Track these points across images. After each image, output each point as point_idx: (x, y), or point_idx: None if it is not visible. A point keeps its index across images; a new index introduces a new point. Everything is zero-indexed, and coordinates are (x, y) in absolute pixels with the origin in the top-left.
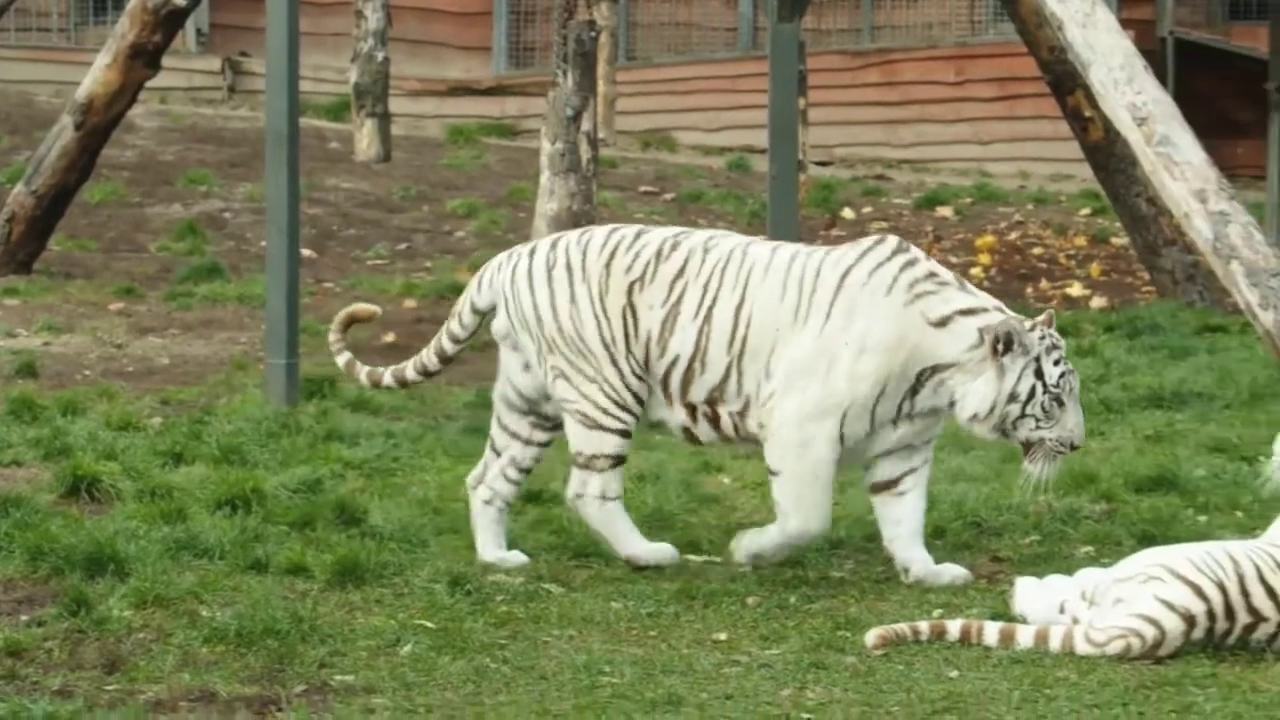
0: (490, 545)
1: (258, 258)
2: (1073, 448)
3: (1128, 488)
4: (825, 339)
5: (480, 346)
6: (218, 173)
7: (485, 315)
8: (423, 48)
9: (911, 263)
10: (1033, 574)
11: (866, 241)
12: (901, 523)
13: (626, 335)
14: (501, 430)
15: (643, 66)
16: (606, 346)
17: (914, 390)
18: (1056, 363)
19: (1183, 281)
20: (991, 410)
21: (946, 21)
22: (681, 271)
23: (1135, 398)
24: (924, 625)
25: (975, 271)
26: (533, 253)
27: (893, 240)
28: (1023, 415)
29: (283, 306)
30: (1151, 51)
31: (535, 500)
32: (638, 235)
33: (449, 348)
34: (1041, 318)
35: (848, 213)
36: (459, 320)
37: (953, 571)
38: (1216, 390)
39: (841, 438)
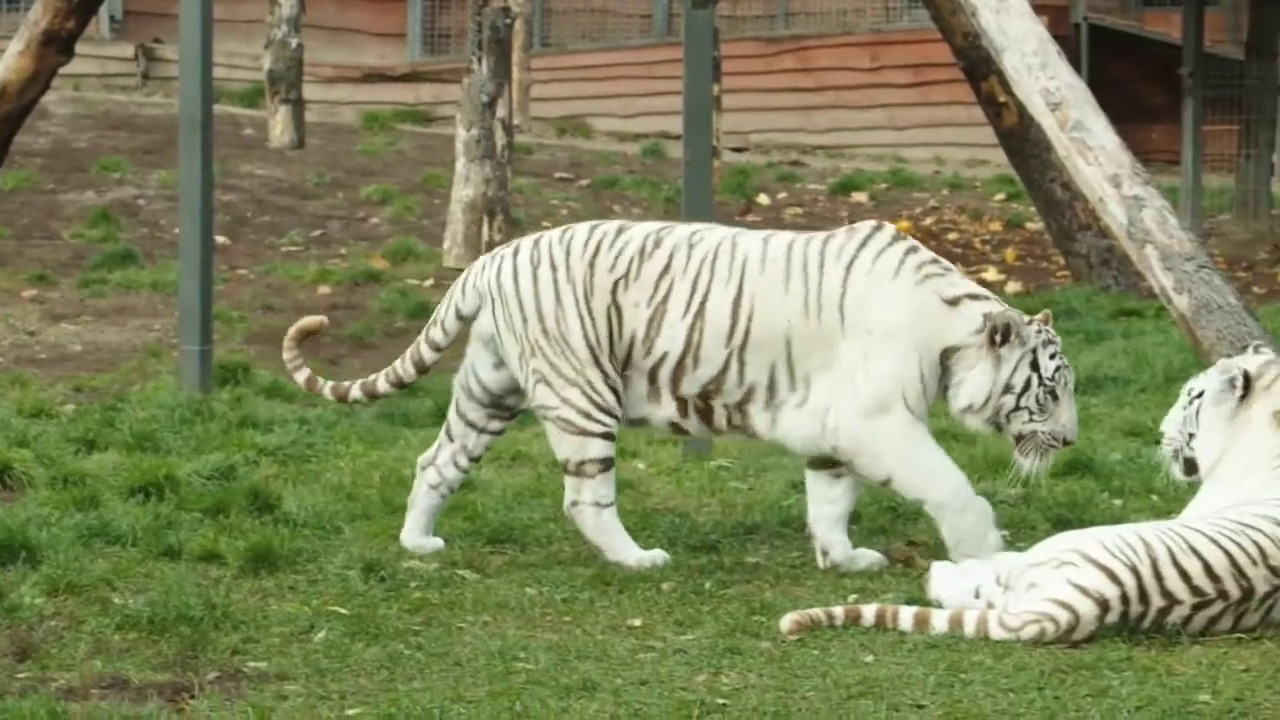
0: (416, 530)
1: (171, 244)
2: (1065, 443)
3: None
4: (849, 335)
5: (394, 334)
6: (131, 159)
7: (469, 320)
8: (338, 34)
9: (914, 248)
10: (948, 558)
11: (863, 228)
12: (833, 504)
13: (611, 335)
14: (459, 418)
15: (558, 53)
16: (591, 347)
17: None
18: (1053, 356)
19: (1097, 266)
20: (986, 401)
21: (861, 8)
22: (667, 268)
23: None
24: (839, 610)
25: None
26: (516, 253)
27: (889, 227)
28: (1017, 408)
29: (196, 293)
30: (1065, 37)
31: None
32: (619, 232)
33: (428, 356)
34: (1039, 315)
35: (763, 198)
36: (441, 327)
37: (869, 557)
38: (1132, 374)
39: (914, 417)
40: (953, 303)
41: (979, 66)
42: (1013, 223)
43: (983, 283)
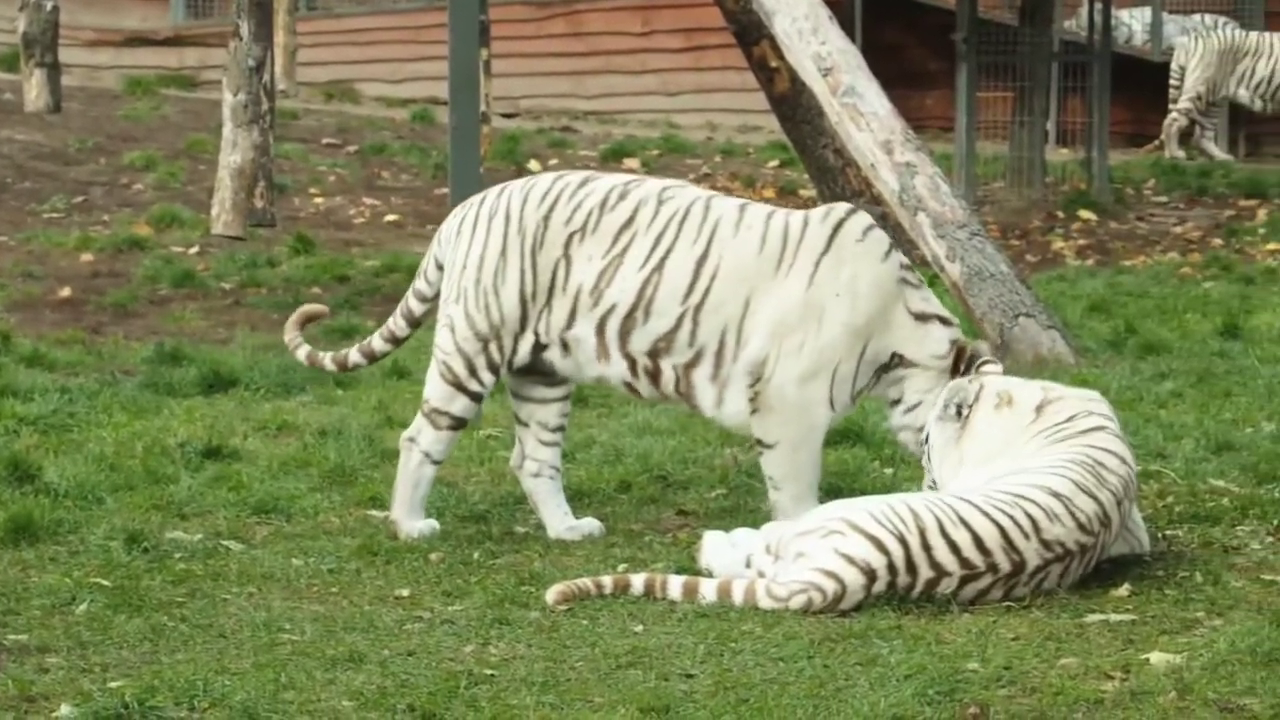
0: (557, 519)
1: None
2: None
3: None
4: (812, 288)
5: (159, 301)
6: None
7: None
8: None
9: (895, 247)
10: (719, 527)
11: (845, 204)
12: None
13: (551, 289)
14: (518, 400)
15: (324, 17)
16: (523, 303)
17: (885, 369)
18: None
19: None
20: None
21: None
22: (630, 221)
23: None
24: (608, 580)
25: None
26: (481, 201)
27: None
28: None
29: None
30: (838, 3)
31: (213, 456)
32: (582, 183)
33: (417, 309)
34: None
35: (534, 165)
36: (425, 278)
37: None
38: None
39: (831, 402)
40: (921, 319)
41: (750, 31)
42: (786, 190)
43: None
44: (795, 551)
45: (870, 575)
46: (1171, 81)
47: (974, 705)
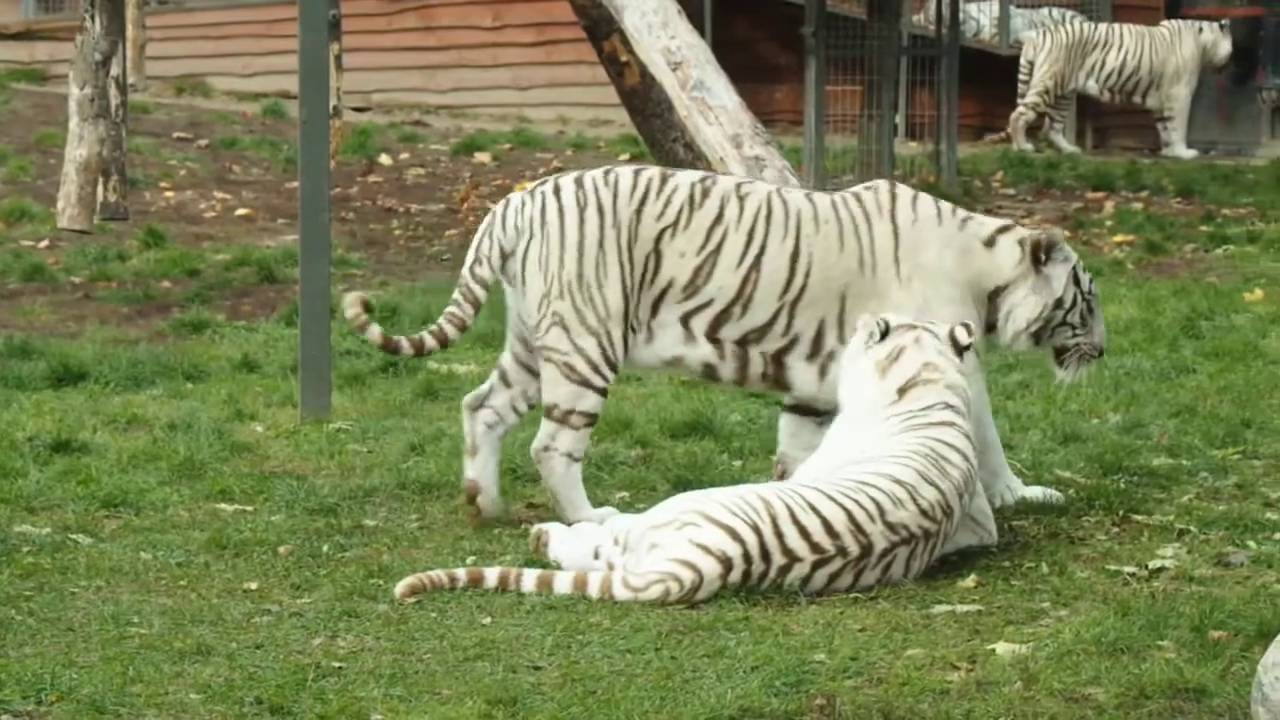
0: (490, 474)
1: None
2: (1100, 353)
3: (664, 433)
4: (905, 285)
5: (8, 295)
6: None
7: (509, 258)
8: None
9: (935, 200)
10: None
11: (883, 184)
12: (809, 450)
13: (643, 282)
14: (517, 365)
15: (174, 11)
16: (625, 296)
17: (991, 298)
18: (1085, 270)
19: None
20: (1039, 316)
21: None
22: (720, 217)
23: None
24: (461, 572)
25: None
26: (558, 191)
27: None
28: (1063, 322)
29: None
30: None
31: (62, 450)
32: (664, 179)
33: (481, 294)
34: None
35: (385, 159)
36: (488, 264)
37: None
38: None
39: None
40: (990, 243)
41: (601, 25)
42: None
43: None
44: (649, 543)
45: (727, 564)
46: (1021, 75)
47: (821, 696)
